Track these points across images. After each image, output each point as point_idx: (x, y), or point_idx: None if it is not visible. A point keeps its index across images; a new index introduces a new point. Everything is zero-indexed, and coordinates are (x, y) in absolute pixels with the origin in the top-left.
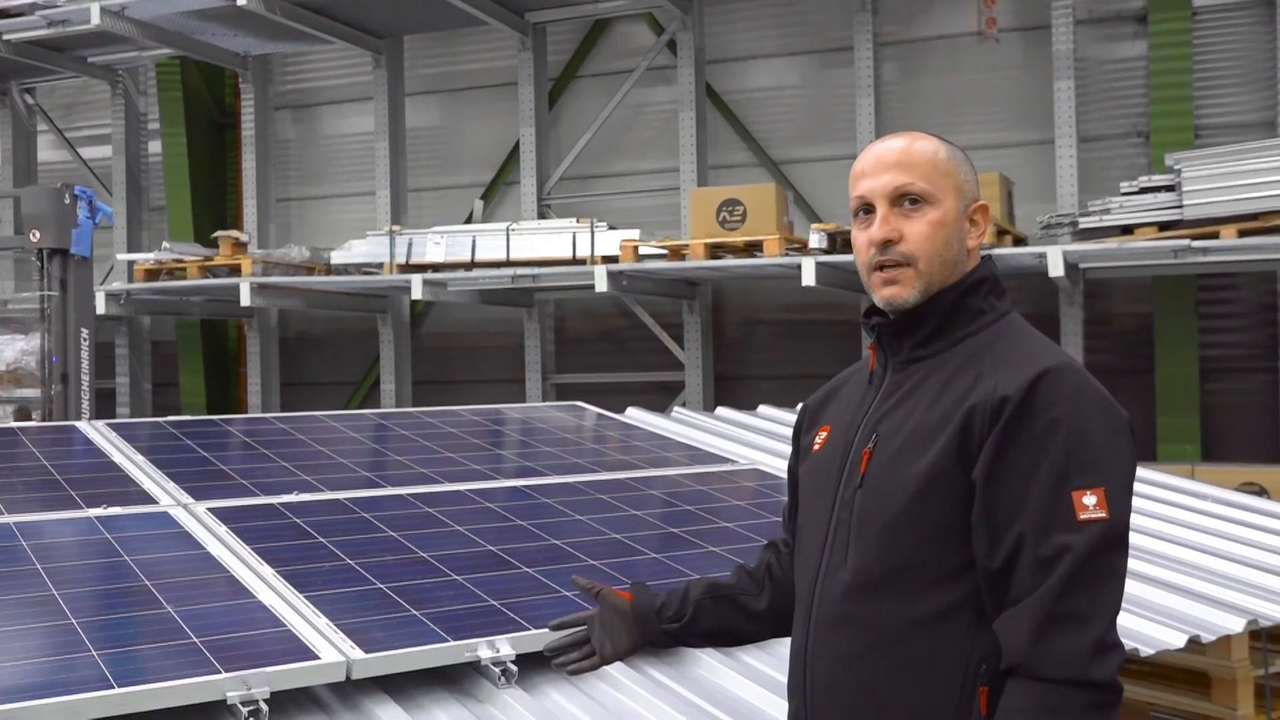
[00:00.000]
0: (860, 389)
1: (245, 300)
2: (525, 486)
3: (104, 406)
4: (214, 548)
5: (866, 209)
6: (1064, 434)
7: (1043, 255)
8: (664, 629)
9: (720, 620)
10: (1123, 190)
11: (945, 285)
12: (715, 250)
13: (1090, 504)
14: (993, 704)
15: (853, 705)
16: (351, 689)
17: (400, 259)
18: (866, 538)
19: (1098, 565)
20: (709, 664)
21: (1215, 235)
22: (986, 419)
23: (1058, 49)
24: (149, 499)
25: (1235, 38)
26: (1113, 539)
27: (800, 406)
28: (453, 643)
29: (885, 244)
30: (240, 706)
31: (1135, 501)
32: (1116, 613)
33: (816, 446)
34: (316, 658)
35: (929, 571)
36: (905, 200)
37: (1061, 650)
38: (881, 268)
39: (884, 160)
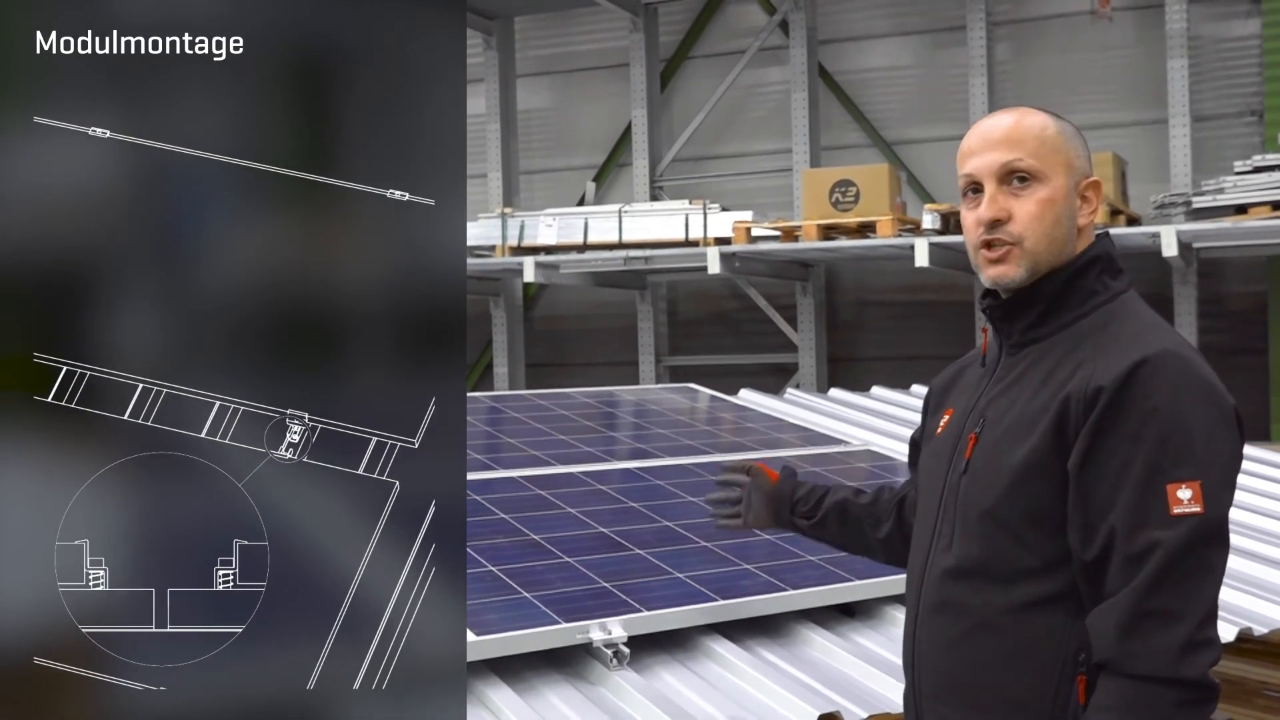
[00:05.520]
0: (979, 371)
1: None
2: (638, 468)
3: None
4: None
5: (975, 188)
6: (1160, 425)
7: (1156, 235)
8: (794, 520)
9: (844, 533)
10: (1236, 170)
11: (1055, 265)
12: (828, 231)
13: (1185, 498)
14: (1090, 694)
15: (956, 687)
16: None
17: (512, 241)
18: (968, 524)
19: (1190, 561)
20: (822, 645)
21: None
22: (1081, 409)
23: (1171, 28)
24: None
25: None
26: (1207, 534)
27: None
28: (564, 625)
29: (994, 223)
30: None
31: (1247, 480)
32: (1211, 609)
33: (940, 430)
34: None
35: (1026, 561)
36: (1013, 178)
37: (1150, 647)
38: (989, 245)
39: (991, 137)
